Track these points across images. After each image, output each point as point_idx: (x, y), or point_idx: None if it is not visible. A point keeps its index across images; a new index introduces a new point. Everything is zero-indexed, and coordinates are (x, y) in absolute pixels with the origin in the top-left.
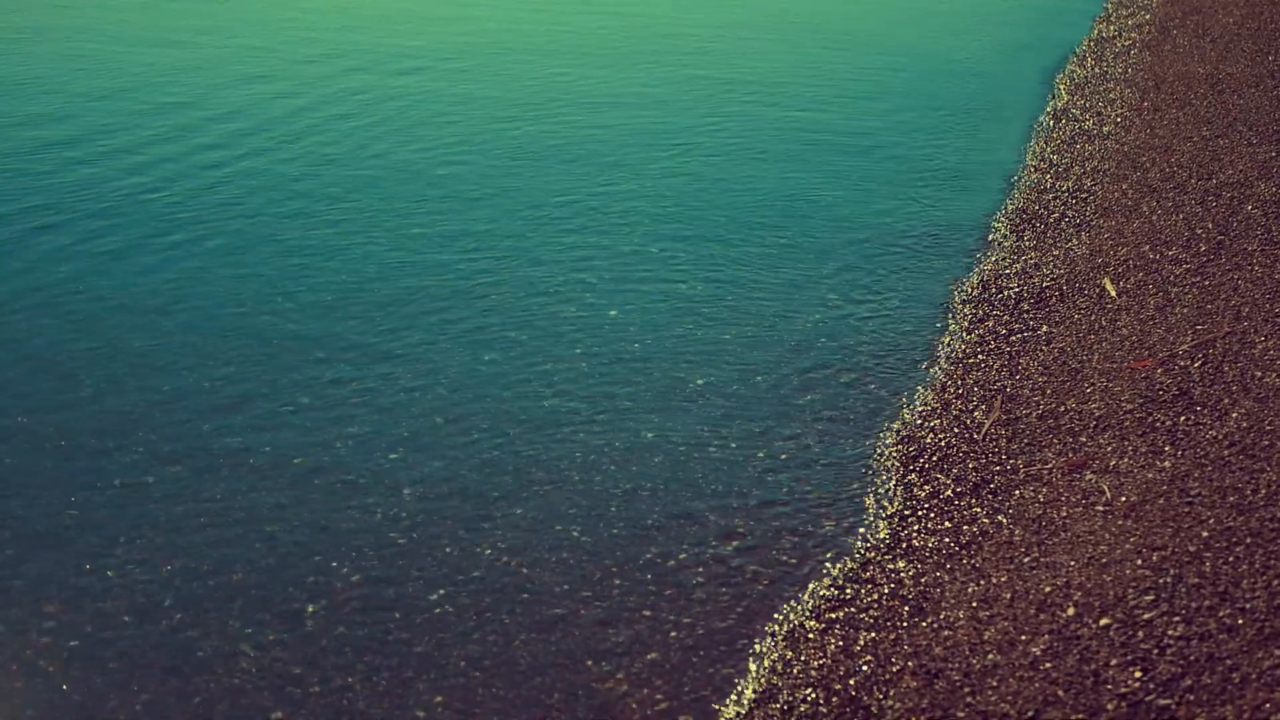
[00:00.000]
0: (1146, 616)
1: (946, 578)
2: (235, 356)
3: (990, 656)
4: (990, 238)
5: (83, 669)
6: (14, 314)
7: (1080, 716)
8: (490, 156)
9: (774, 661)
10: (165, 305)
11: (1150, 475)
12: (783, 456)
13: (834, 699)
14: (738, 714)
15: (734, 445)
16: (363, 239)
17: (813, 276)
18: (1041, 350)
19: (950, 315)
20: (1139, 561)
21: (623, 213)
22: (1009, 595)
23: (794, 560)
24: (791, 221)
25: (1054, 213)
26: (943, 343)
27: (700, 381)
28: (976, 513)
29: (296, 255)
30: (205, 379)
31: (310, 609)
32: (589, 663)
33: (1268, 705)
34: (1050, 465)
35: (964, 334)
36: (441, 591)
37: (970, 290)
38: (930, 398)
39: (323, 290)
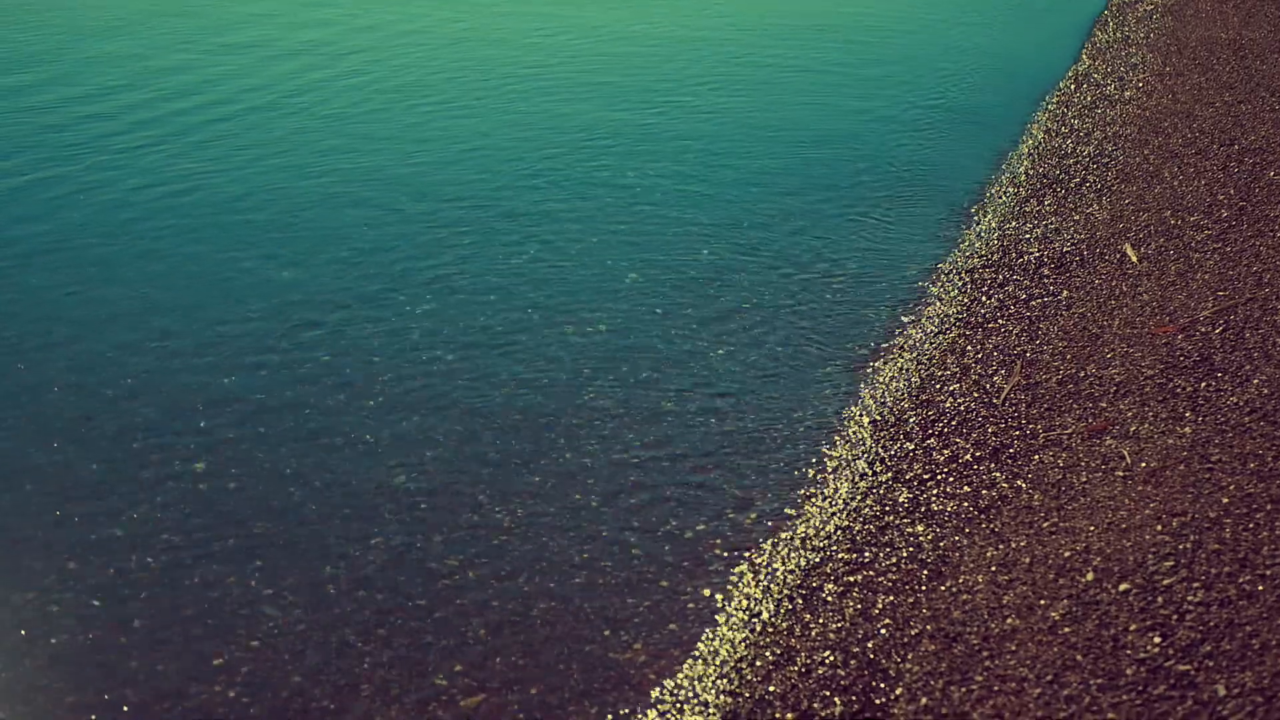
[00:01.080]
0: (1166, 582)
1: (965, 542)
2: (256, 315)
3: (1009, 621)
4: (1011, 202)
5: (104, 629)
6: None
7: (1099, 681)
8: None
9: (791, 625)
10: (182, 261)
11: (1170, 441)
12: (800, 428)
13: (852, 662)
14: (757, 682)
15: (751, 416)
16: (379, 195)
17: (830, 242)
18: (1062, 315)
19: (970, 280)
20: (1159, 527)
21: (646, 176)
22: (1028, 560)
23: (812, 529)
24: (807, 187)
25: (1075, 177)
26: (962, 307)
27: (720, 351)
28: (996, 477)
29: (314, 216)
30: (226, 336)
31: (330, 572)
32: (607, 632)
33: None
34: (1070, 430)
35: (984, 298)
36: (461, 558)
37: (990, 255)
38: (950, 362)
39: (342, 251)
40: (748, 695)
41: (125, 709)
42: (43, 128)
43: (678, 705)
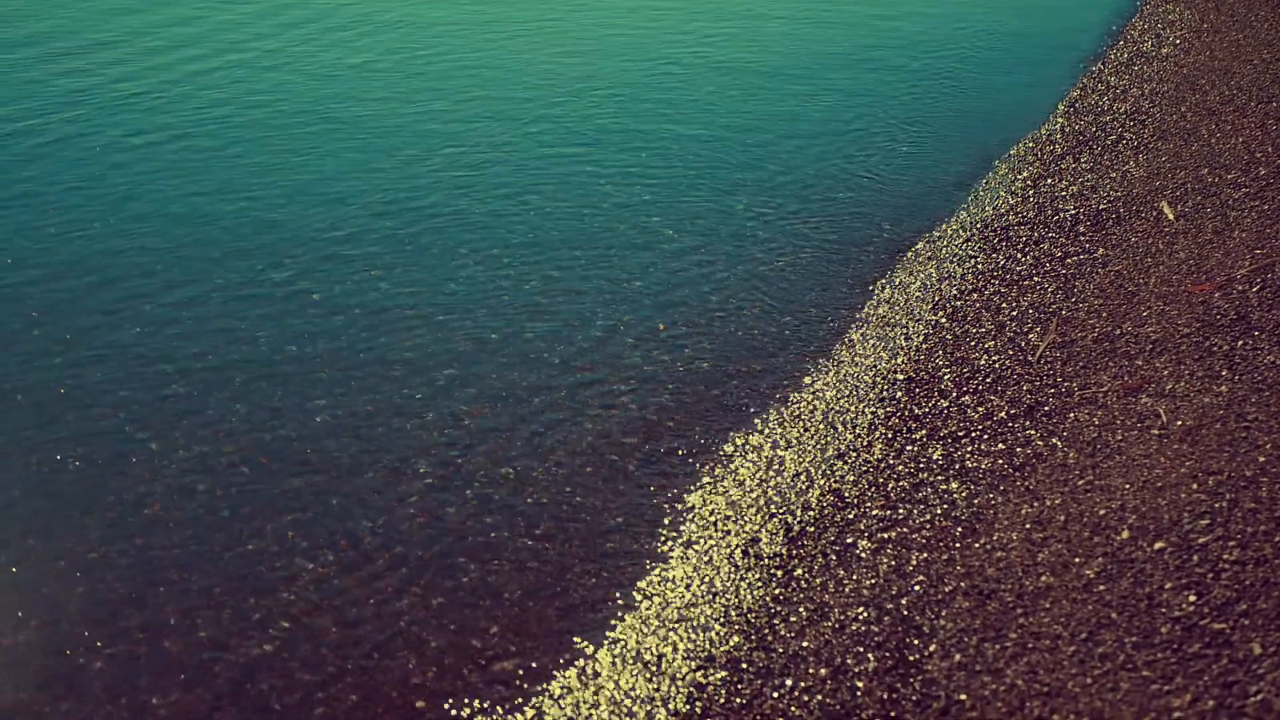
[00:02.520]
0: (1201, 540)
1: (1000, 499)
2: (286, 265)
3: (1043, 578)
4: (1047, 160)
5: (142, 584)
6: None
7: (1134, 639)
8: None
9: (825, 581)
10: (214, 214)
11: (1207, 399)
12: (835, 377)
13: (886, 618)
14: (791, 637)
15: (786, 374)
16: (409, 151)
17: (866, 198)
18: (1098, 273)
19: (1006, 237)
20: (1194, 486)
21: (677, 138)
22: (1063, 518)
23: (848, 480)
24: (848, 145)
25: (1111, 135)
26: (998, 265)
27: (754, 310)
28: (1031, 435)
29: (336, 170)
30: (258, 289)
31: (367, 526)
32: (642, 594)
33: None
34: (1105, 388)
35: (1020, 256)
36: (498, 516)
37: (1026, 213)
38: (985, 319)
39: (375, 204)
40: (781, 650)
41: (165, 664)
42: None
43: (712, 660)
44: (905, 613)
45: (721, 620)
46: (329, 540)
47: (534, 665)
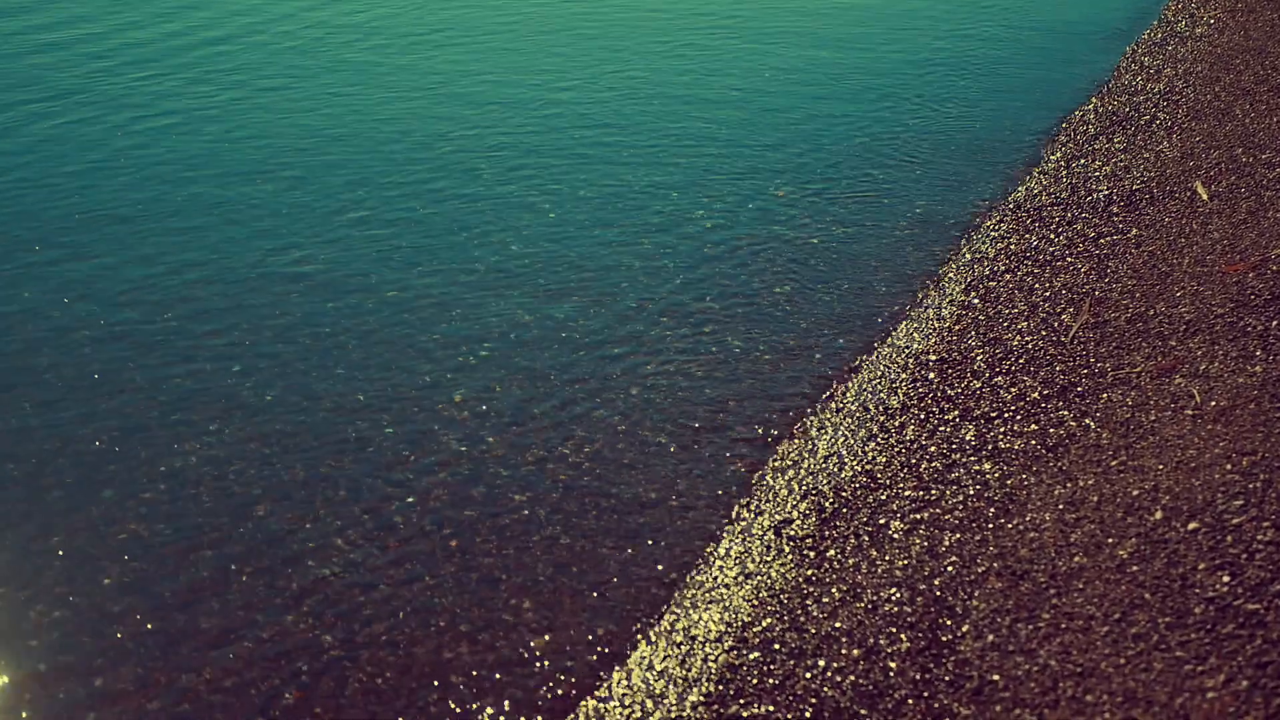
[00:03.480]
0: (1235, 521)
1: (1033, 480)
2: (315, 246)
3: (1077, 559)
4: (1080, 140)
5: (174, 560)
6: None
7: (1167, 620)
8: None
9: (858, 562)
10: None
11: (1241, 380)
12: (869, 357)
13: (919, 599)
14: (823, 618)
15: (818, 354)
16: (434, 128)
17: (899, 178)
18: (1131, 253)
19: (1039, 217)
20: (1228, 466)
21: (708, 105)
22: (1096, 498)
23: (880, 461)
24: (879, 126)
25: (1145, 115)
26: (1030, 244)
27: (786, 288)
28: (1064, 415)
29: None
30: (280, 261)
31: (397, 507)
32: (673, 575)
33: None
34: (1139, 369)
35: (1052, 236)
36: (528, 494)
37: (1059, 193)
38: (1018, 299)
39: (402, 186)
40: (814, 631)
41: (197, 635)
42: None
43: (744, 641)
44: (938, 593)
45: (754, 601)
46: (360, 517)
47: (564, 642)
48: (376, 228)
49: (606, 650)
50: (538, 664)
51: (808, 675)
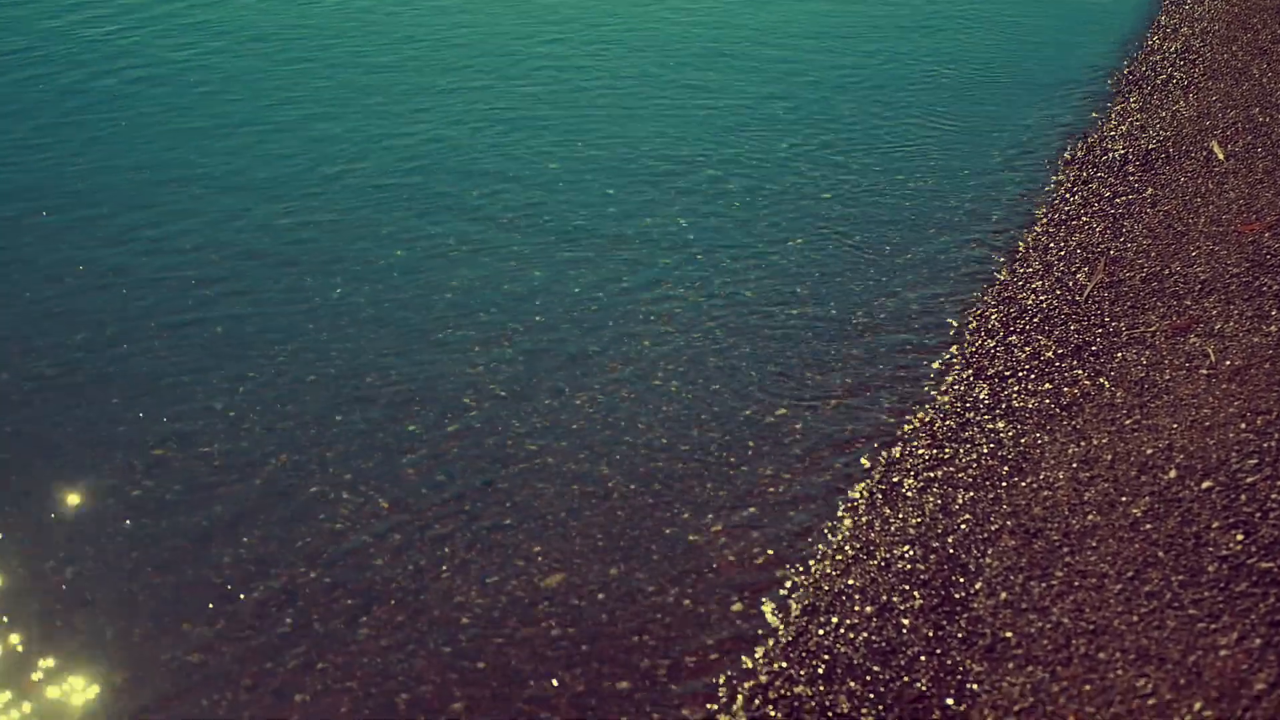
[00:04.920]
0: (1250, 480)
1: (1046, 439)
2: (332, 202)
3: (1090, 517)
4: (1096, 100)
5: (187, 514)
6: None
7: (1180, 578)
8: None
9: (871, 518)
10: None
11: (1256, 339)
12: (881, 315)
13: (931, 556)
14: (833, 571)
15: (832, 305)
16: (458, 87)
17: (914, 135)
18: (1147, 213)
19: (1053, 177)
20: (1243, 425)
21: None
22: (1110, 457)
23: (891, 419)
24: (895, 81)
25: (1161, 74)
26: (1046, 204)
27: (799, 240)
28: (1078, 375)
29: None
30: (313, 227)
31: (410, 457)
32: (686, 515)
33: None
34: (1154, 328)
35: (1067, 195)
36: (541, 442)
37: (1075, 152)
38: (1033, 259)
39: (414, 144)
40: (827, 588)
41: (211, 589)
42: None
43: (756, 590)
44: (951, 551)
45: (767, 555)
46: (374, 471)
47: (578, 582)
48: (385, 180)
49: (619, 588)
50: (550, 601)
51: (820, 632)
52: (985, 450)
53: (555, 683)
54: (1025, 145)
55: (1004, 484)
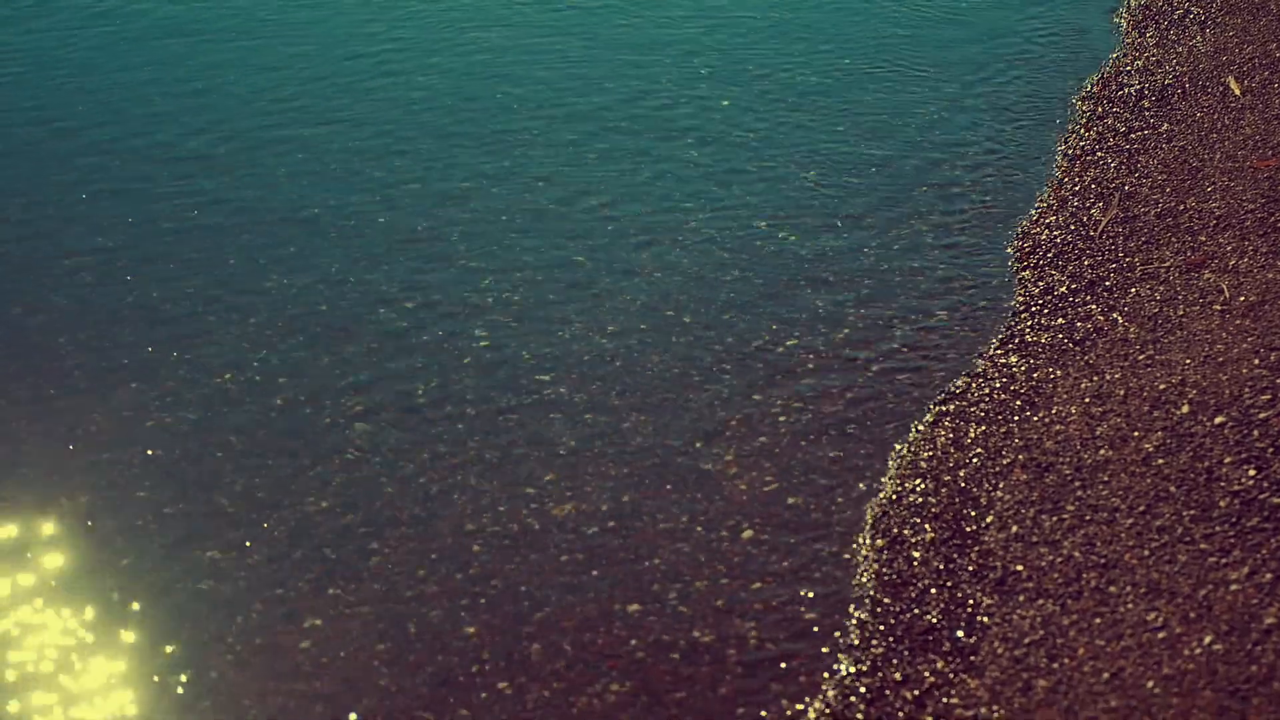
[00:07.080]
0: (1262, 416)
1: (1059, 373)
2: (343, 139)
3: (1102, 452)
4: (1112, 35)
5: (200, 443)
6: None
7: (1192, 513)
8: None
9: (881, 450)
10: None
11: (1270, 275)
12: (895, 248)
13: (943, 490)
14: (844, 502)
15: (846, 236)
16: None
17: (929, 70)
18: (1162, 148)
19: (1069, 112)
20: (1256, 361)
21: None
22: (1123, 392)
23: (904, 349)
24: (909, 12)
25: (1178, 9)
26: (1061, 139)
27: (813, 175)
28: (1091, 310)
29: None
30: (325, 152)
31: (421, 389)
32: (698, 444)
33: None
34: (1168, 263)
35: (1082, 130)
36: (553, 373)
37: (1090, 87)
38: (1047, 194)
39: (430, 83)
40: (838, 518)
41: (221, 520)
42: None
43: (768, 515)
44: (962, 485)
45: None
46: (384, 402)
47: (589, 510)
48: (401, 123)
49: (627, 514)
50: (559, 528)
51: (830, 565)
52: (998, 384)
53: (565, 606)
54: (1039, 80)
55: (1016, 418)
